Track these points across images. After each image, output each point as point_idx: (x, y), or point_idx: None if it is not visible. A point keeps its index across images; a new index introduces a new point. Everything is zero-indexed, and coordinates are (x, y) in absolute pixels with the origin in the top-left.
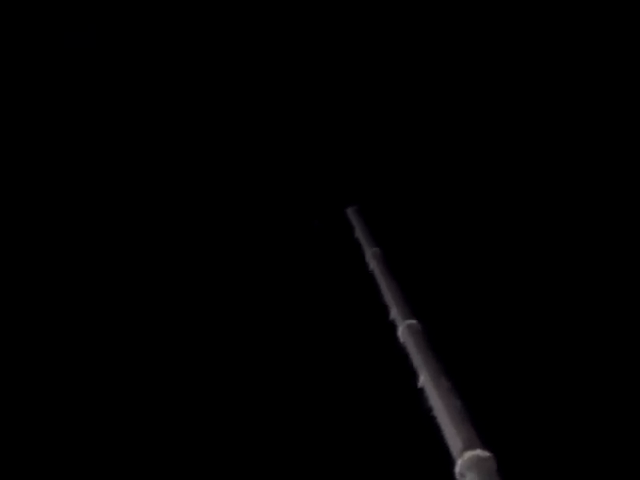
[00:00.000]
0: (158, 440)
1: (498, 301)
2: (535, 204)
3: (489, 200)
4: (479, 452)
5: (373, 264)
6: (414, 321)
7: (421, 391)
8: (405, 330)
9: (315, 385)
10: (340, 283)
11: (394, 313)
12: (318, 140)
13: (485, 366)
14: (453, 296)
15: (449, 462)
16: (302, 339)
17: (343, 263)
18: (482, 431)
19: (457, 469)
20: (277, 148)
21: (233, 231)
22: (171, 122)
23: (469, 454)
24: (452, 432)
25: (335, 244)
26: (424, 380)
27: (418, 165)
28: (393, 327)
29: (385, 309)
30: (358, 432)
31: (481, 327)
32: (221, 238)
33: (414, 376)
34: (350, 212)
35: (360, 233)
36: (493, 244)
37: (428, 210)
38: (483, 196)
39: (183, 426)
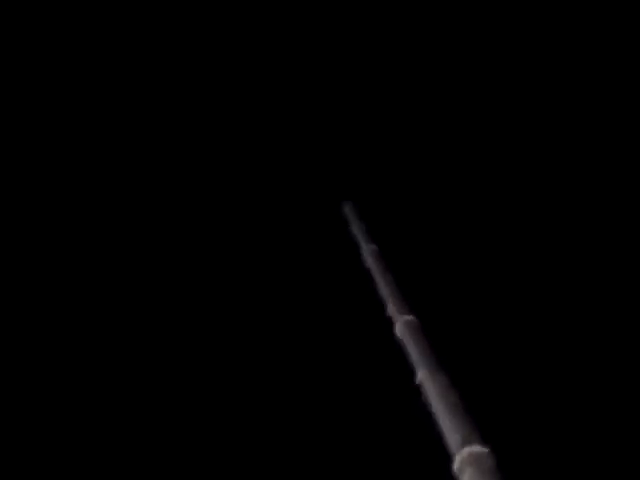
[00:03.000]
0: (153, 439)
1: (495, 297)
2: (531, 202)
3: (485, 198)
4: (478, 448)
5: (369, 260)
6: (411, 317)
7: (419, 387)
8: (402, 326)
9: (312, 382)
10: (336, 279)
11: (391, 309)
12: (317, 135)
13: (483, 362)
14: (450, 292)
15: (448, 458)
16: (298, 336)
17: (339, 259)
18: (481, 427)
19: (455, 465)
20: (276, 142)
21: (230, 225)
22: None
23: (468, 450)
24: (450, 428)
25: (331, 239)
26: (422, 376)
27: (415, 163)
28: (390, 323)
29: (381, 305)
30: (356, 429)
31: (478, 323)
32: (218, 231)
33: (412, 372)
34: (346, 207)
35: (356, 229)
36: (489, 241)
37: (424, 207)
38: (479, 194)
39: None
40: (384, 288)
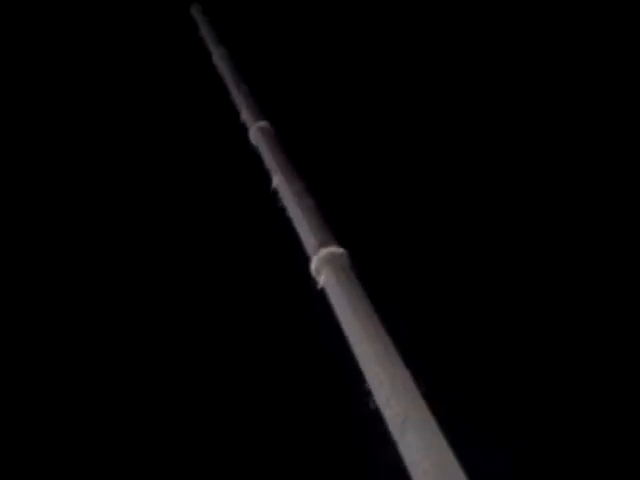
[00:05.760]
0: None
1: (352, 108)
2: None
3: None
4: (333, 249)
5: (220, 65)
6: (266, 122)
7: (275, 192)
8: (257, 132)
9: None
10: (187, 86)
11: (244, 115)
12: None
13: (337, 164)
14: (304, 96)
15: (305, 260)
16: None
17: (188, 63)
18: (336, 229)
19: (313, 266)
20: None
21: None
22: None
23: (324, 251)
24: (306, 231)
25: (179, 44)
26: (277, 181)
27: None
28: (244, 129)
29: (235, 111)
30: (214, 235)
31: (333, 130)
32: None
33: (267, 178)
34: (194, 9)
35: (205, 32)
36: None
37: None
38: None
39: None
40: (237, 94)
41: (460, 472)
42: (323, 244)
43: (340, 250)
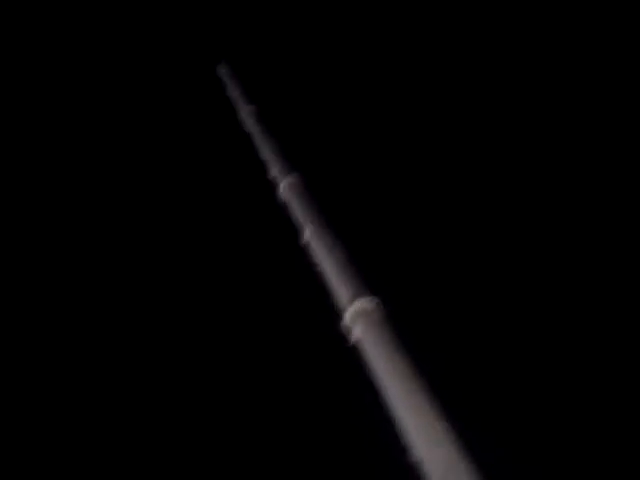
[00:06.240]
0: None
1: (379, 154)
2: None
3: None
4: (368, 300)
5: (249, 122)
6: (295, 176)
7: (305, 248)
8: (286, 186)
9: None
10: (214, 144)
11: (275, 171)
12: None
13: (368, 218)
14: (333, 150)
15: (339, 313)
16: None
17: (216, 122)
18: (370, 281)
19: (347, 318)
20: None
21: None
22: None
23: (358, 303)
24: (340, 283)
25: (207, 103)
26: (309, 234)
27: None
28: (273, 185)
29: (263, 167)
30: (243, 292)
31: (363, 179)
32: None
33: (297, 233)
34: (221, 70)
35: (233, 91)
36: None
37: (300, 66)
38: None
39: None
40: (266, 150)
41: None
42: (356, 296)
43: (374, 302)
